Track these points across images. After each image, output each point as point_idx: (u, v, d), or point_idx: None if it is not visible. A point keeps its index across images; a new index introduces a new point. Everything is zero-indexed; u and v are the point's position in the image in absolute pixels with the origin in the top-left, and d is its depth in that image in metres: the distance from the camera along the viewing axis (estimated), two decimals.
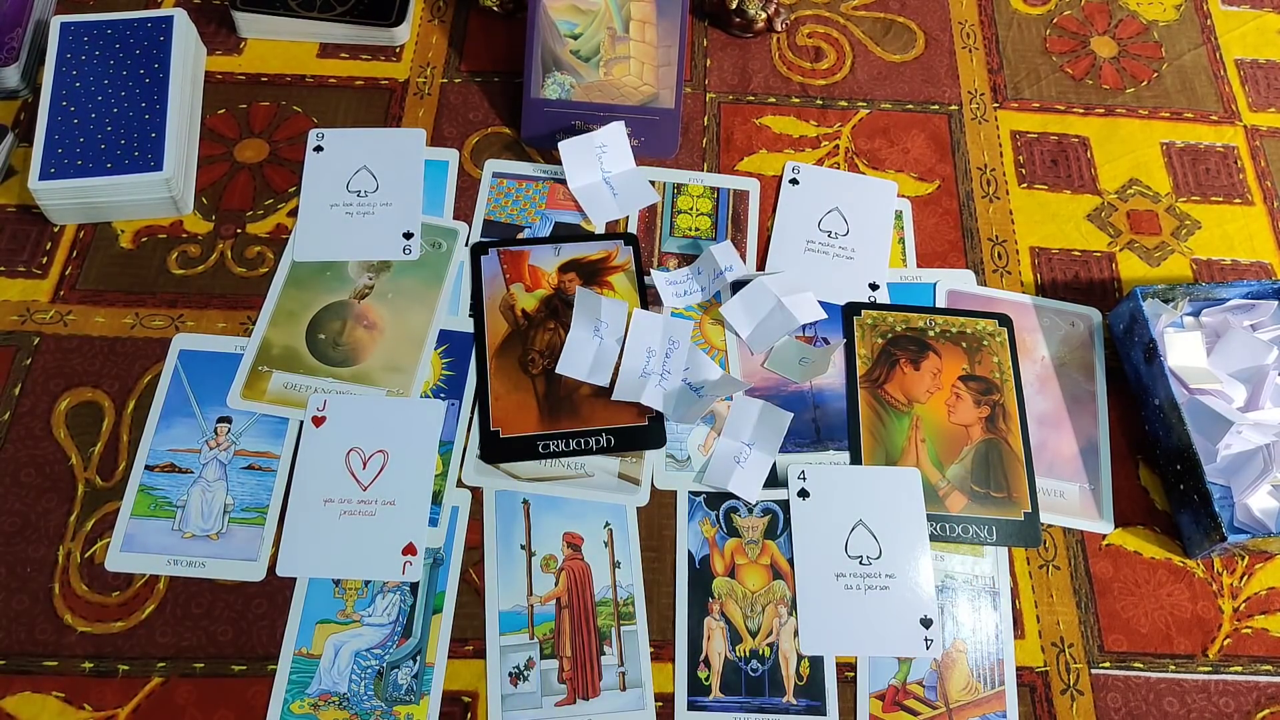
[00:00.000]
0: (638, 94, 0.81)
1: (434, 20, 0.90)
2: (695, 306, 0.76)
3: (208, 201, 0.79)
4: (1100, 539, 0.69)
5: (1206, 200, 0.84)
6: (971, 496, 0.69)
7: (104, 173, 0.74)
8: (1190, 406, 0.69)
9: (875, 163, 0.84)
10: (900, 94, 0.88)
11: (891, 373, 0.73)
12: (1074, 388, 0.74)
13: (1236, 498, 0.68)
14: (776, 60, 0.90)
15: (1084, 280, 0.79)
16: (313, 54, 0.87)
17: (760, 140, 0.85)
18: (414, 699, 0.62)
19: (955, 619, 0.66)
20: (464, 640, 0.64)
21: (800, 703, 0.63)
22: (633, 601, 0.65)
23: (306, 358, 0.72)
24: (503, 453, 0.69)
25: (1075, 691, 0.64)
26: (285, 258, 0.76)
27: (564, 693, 0.62)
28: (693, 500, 0.68)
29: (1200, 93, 0.89)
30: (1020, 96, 0.88)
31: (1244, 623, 0.67)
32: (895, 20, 0.93)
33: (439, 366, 0.72)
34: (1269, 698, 0.64)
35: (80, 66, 0.78)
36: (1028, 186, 0.83)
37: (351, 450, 0.68)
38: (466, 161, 0.82)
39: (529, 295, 0.75)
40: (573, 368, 0.72)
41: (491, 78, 0.87)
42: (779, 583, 0.66)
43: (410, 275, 0.76)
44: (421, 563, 0.65)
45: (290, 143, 0.82)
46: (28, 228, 0.77)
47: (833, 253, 0.79)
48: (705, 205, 0.81)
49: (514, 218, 0.79)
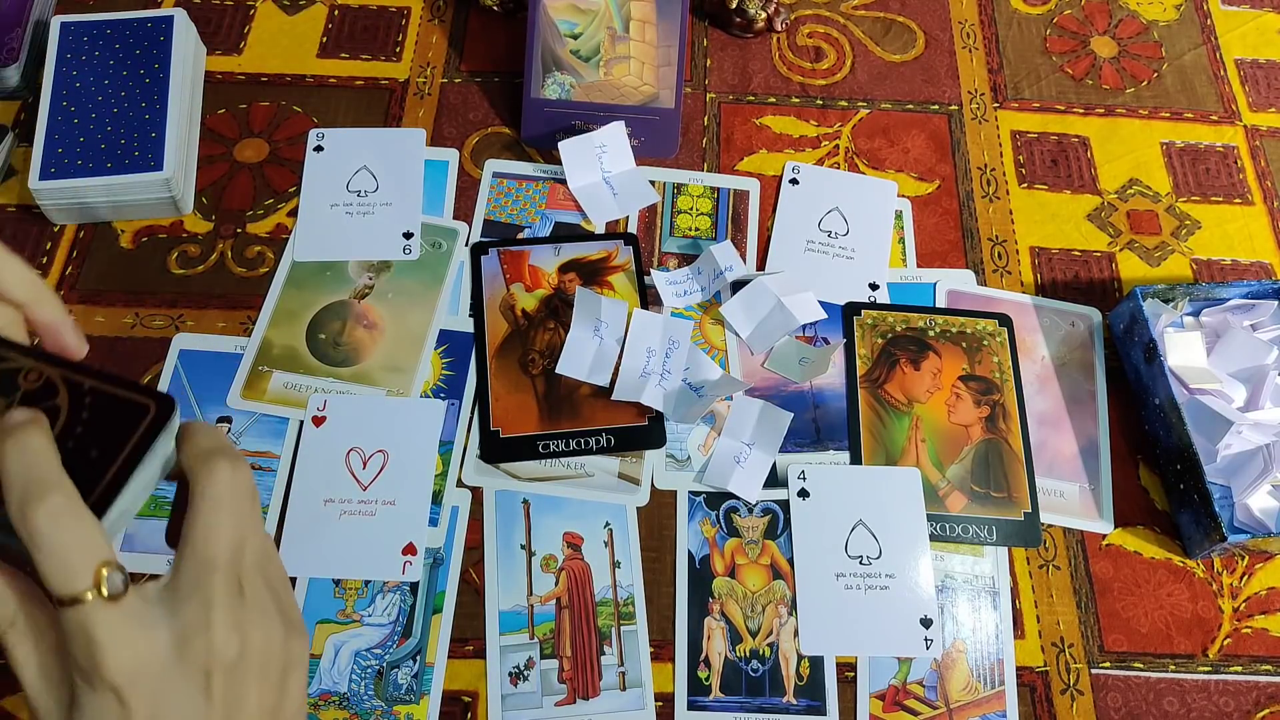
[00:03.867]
0: (638, 94, 0.81)
1: (434, 20, 0.90)
2: (695, 306, 0.76)
3: (208, 201, 0.79)
4: (1100, 539, 0.69)
5: (1206, 200, 0.84)
6: (971, 496, 0.69)
7: (104, 173, 0.74)
8: (1190, 406, 0.69)
9: (875, 163, 0.84)
10: (900, 94, 0.88)
11: (891, 373, 0.73)
12: (1074, 388, 0.74)
13: (1236, 498, 0.68)
14: (776, 60, 0.90)
15: (1084, 280, 0.79)
16: (313, 54, 0.87)
17: (760, 140, 0.85)
18: (414, 699, 0.62)
19: (955, 619, 0.66)
20: (464, 640, 0.64)
21: (800, 703, 0.63)
22: (633, 601, 0.65)
23: (306, 358, 0.72)
24: (503, 453, 0.69)
25: (1075, 691, 0.64)
26: (285, 258, 0.76)
27: (564, 692, 0.62)
28: (693, 500, 0.68)
29: (1200, 93, 0.89)
30: (1020, 96, 0.88)
31: (1244, 623, 0.67)
32: (895, 20, 0.93)
33: (439, 366, 0.72)
34: (1269, 697, 0.64)
35: (80, 66, 0.78)
36: (1028, 186, 0.83)
37: (351, 450, 0.68)
38: (466, 161, 0.82)
39: (529, 295, 0.75)
40: (573, 368, 0.72)
41: (491, 78, 0.87)
42: (779, 583, 0.66)
43: (410, 275, 0.76)
44: (421, 563, 0.65)
45: (290, 143, 0.82)
46: (28, 228, 0.77)
47: (833, 253, 0.79)
48: (705, 205, 0.81)
49: (514, 218, 0.79)
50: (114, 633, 0.32)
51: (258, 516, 0.38)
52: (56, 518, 0.32)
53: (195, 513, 0.36)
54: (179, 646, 0.34)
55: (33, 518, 0.32)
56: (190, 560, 0.35)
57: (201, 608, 0.34)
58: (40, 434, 0.34)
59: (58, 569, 0.32)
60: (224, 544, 0.35)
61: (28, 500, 0.32)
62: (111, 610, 0.32)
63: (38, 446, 0.33)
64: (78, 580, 0.32)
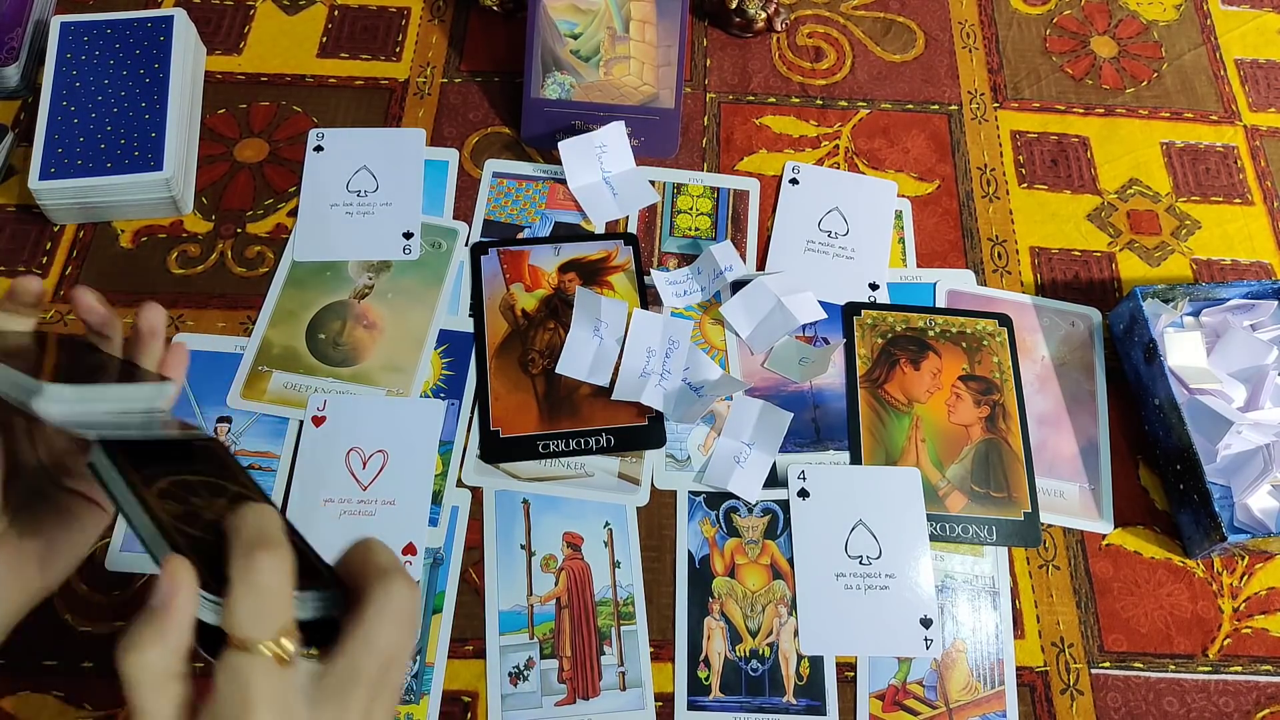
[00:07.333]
0: (638, 94, 0.81)
1: (434, 20, 0.90)
2: (695, 306, 0.76)
3: (208, 201, 0.79)
4: (1100, 539, 0.69)
5: (1206, 200, 0.84)
6: (971, 496, 0.69)
7: (104, 173, 0.74)
8: (1190, 406, 0.69)
9: (875, 163, 0.84)
10: (900, 94, 0.88)
11: (891, 373, 0.73)
12: (1074, 388, 0.74)
13: (1236, 498, 0.68)
14: (776, 60, 0.90)
15: (1084, 280, 0.79)
16: (312, 54, 0.87)
17: (760, 140, 0.85)
18: (414, 699, 0.62)
19: (955, 619, 0.66)
20: (464, 640, 0.64)
21: (800, 702, 0.63)
22: (633, 601, 0.65)
23: (306, 357, 0.72)
24: (503, 452, 0.69)
25: (1075, 691, 0.64)
26: (285, 258, 0.76)
27: (564, 692, 0.62)
28: (693, 500, 0.68)
29: (1200, 93, 0.89)
30: (1020, 96, 0.88)
31: (1244, 623, 0.67)
32: (895, 20, 0.93)
33: (439, 366, 0.72)
34: (1269, 697, 0.64)
35: (80, 66, 0.78)
36: (1028, 186, 0.83)
37: (351, 450, 0.68)
38: (466, 161, 0.82)
39: (529, 295, 0.75)
40: (573, 368, 0.72)
41: (491, 78, 0.87)
42: (779, 583, 0.66)
43: (410, 275, 0.76)
44: (421, 562, 0.65)
45: (290, 142, 0.82)
46: (28, 228, 0.77)
47: (833, 253, 0.79)
48: (705, 205, 0.81)
49: (514, 218, 0.79)
50: (270, 694, 0.34)
51: (412, 646, 0.39)
52: (276, 569, 0.35)
53: (362, 621, 0.37)
54: None
55: (259, 559, 0.34)
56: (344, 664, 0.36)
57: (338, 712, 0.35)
58: (276, 512, 0.38)
59: (252, 612, 0.34)
60: (377, 661, 0.36)
61: (259, 545, 0.35)
62: (275, 673, 0.34)
63: (274, 515, 0.37)
64: (263, 629, 0.34)
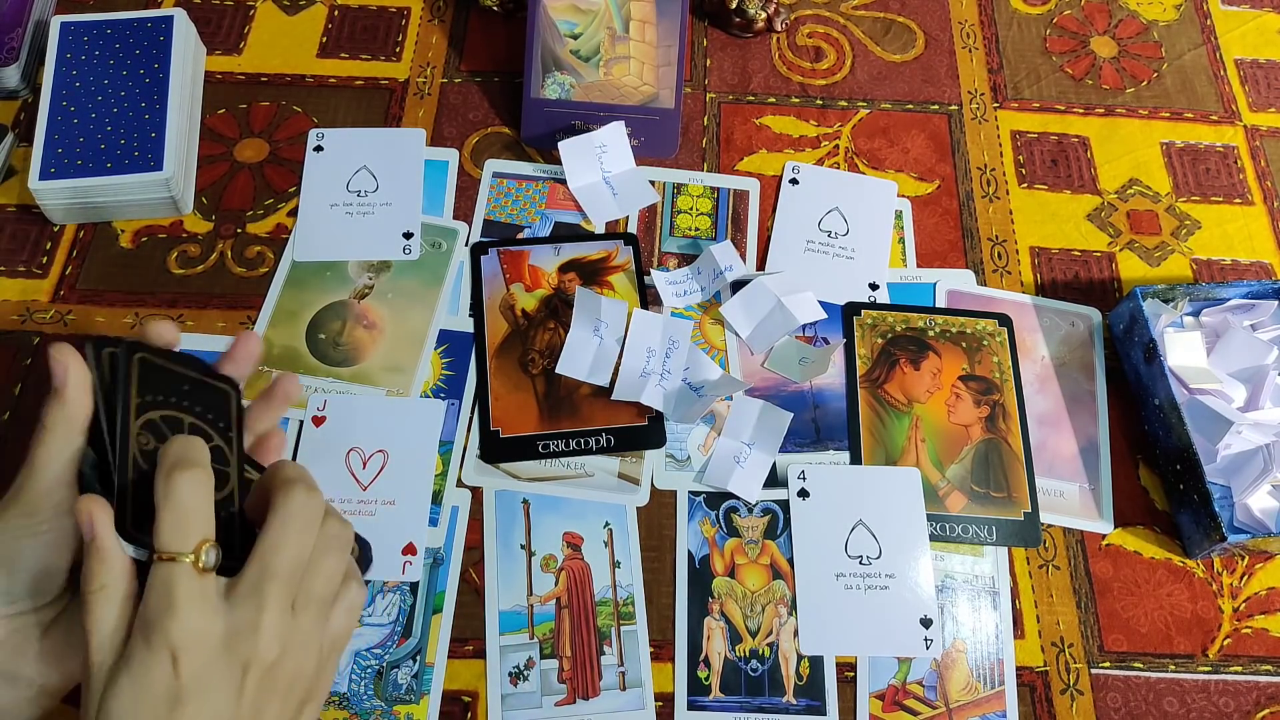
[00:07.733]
0: (638, 94, 0.81)
1: (434, 20, 0.90)
2: (695, 306, 0.76)
3: (208, 201, 0.79)
4: (1100, 539, 0.69)
5: (1206, 200, 0.84)
6: (971, 496, 0.69)
7: (104, 173, 0.74)
8: (1190, 406, 0.69)
9: (875, 163, 0.84)
10: (900, 94, 0.88)
11: (891, 373, 0.73)
12: (1074, 388, 0.74)
13: (1236, 498, 0.68)
14: (776, 60, 0.90)
15: (1084, 280, 0.79)
16: (312, 54, 0.87)
17: (760, 140, 0.85)
18: (414, 699, 0.62)
19: (955, 619, 0.66)
20: (464, 640, 0.64)
21: (800, 702, 0.63)
22: (633, 601, 0.65)
23: (306, 358, 0.72)
24: (503, 453, 0.69)
25: (1075, 691, 0.64)
26: (285, 258, 0.76)
27: (564, 692, 0.62)
28: (693, 500, 0.68)
29: (1200, 93, 0.89)
30: (1020, 96, 0.88)
31: (1244, 623, 0.67)
32: (895, 20, 0.93)
33: (439, 366, 0.72)
34: (1269, 698, 0.64)
35: (80, 66, 0.78)
36: (1028, 186, 0.83)
37: (351, 450, 0.68)
38: (466, 161, 0.82)
39: (529, 295, 0.75)
40: (573, 368, 0.72)
41: (491, 78, 0.87)
42: (779, 583, 0.66)
43: (410, 275, 0.76)
44: (421, 562, 0.65)
45: (290, 142, 0.82)
46: (28, 228, 0.77)
47: (833, 253, 0.79)
48: (705, 205, 0.81)
49: (514, 218, 0.79)
50: (191, 599, 0.36)
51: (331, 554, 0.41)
52: (193, 487, 0.38)
53: (267, 527, 0.40)
54: (228, 637, 0.37)
55: (176, 479, 0.37)
56: (254, 566, 0.39)
57: (255, 609, 0.38)
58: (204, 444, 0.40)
59: (174, 526, 0.37)
60: (286, 558, 0.39)
61: (178, 466, 0.38)
62: (196, 580, 0.37)
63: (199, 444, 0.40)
64: (185, 542, 0.37)
